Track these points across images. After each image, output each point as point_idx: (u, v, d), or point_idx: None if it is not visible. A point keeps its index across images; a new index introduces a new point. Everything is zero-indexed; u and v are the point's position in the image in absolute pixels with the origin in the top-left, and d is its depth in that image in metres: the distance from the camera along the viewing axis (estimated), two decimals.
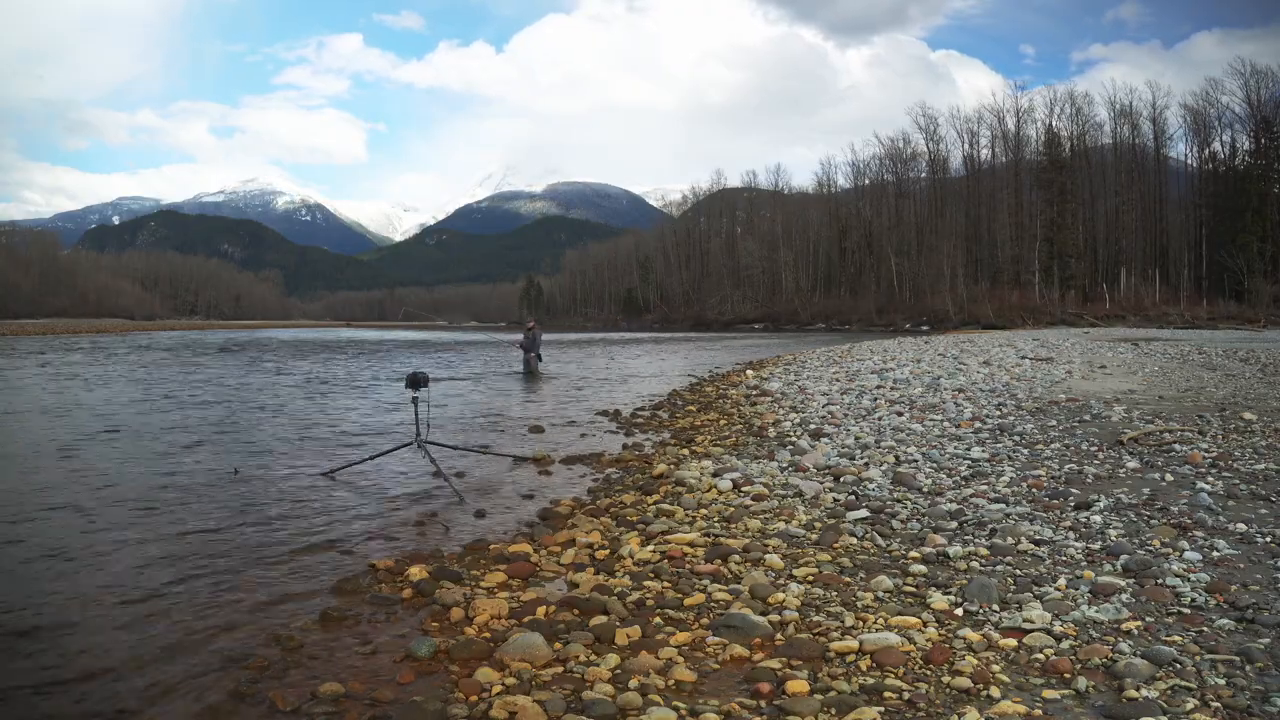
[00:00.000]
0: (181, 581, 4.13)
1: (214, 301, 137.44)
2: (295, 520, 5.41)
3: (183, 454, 7.93)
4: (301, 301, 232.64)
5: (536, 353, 18.88)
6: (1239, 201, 57.65)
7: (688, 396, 13.67)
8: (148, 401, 12.85)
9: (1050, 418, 8.44)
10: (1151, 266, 64.00)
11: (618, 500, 5.86)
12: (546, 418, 11.05)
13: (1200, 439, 6.98)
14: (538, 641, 3.17)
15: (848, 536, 4.57)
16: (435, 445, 7.13)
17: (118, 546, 4.72)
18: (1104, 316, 55.07)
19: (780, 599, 3.64)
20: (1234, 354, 18.30)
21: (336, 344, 40.41)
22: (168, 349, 32.74)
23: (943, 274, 67.94)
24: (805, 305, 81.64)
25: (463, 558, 4.58)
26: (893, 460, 6.62)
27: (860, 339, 40.15)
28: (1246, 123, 61.60)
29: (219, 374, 19.21)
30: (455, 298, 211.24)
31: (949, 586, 3.74)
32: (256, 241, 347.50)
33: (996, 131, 75.42)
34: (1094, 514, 4.75)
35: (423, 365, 18.82)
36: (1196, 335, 32.53)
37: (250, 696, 2.91)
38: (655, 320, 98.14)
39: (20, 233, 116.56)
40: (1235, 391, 10.68)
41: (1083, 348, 21.32)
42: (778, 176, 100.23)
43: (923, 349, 23.29)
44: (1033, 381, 12.25)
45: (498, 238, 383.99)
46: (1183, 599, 3.48)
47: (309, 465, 7.38)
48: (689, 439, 8.69)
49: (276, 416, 11.07)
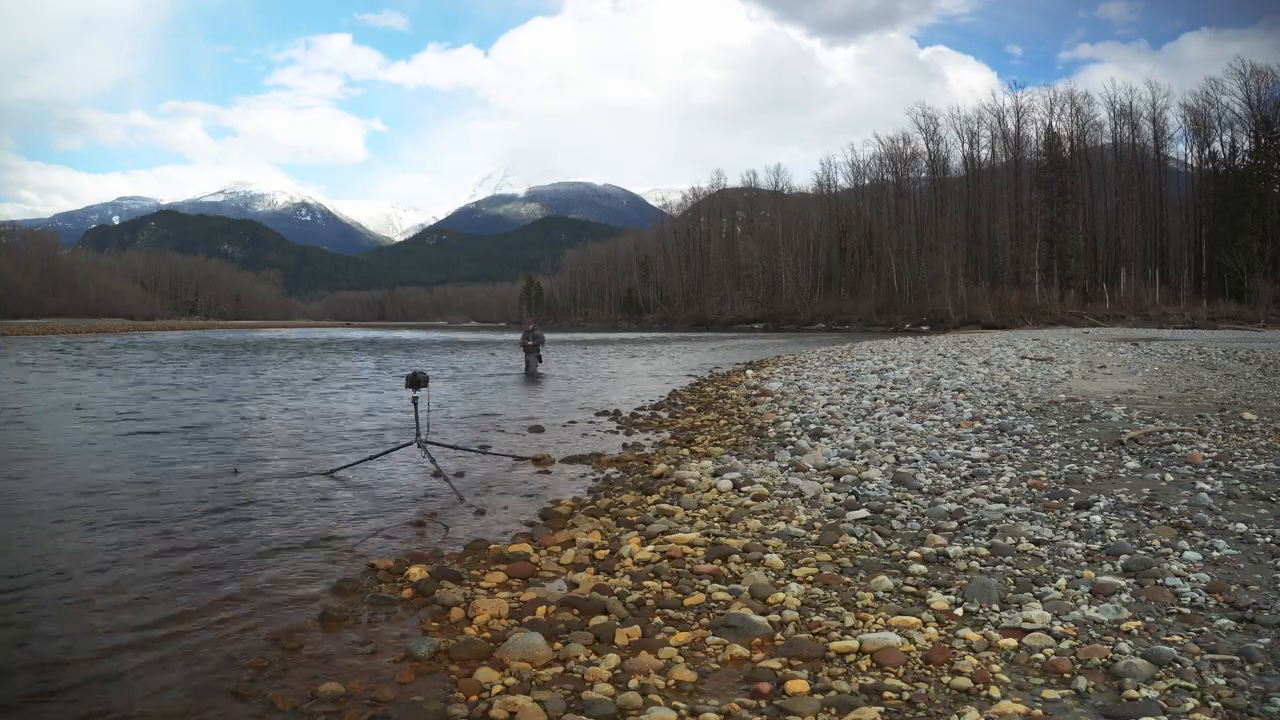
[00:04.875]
0: (181, 581, 4.13)
1: (214, 301, 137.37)
2: (295, 520, 5.41)
3: (182, 453, 7.93)
4: (301, 301, 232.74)
5: (538, 354, 18.89)
6: (1239, 201, 57.64)
7: (688, 396, 13.67)
8: (147, 401, 12.84)
9: (1050, 418, 8.43)
10: (1151, 266, 64.00)
11: (618, 500, 5.85)
12: (546, 418, 11.05)
13: (1200, 439, 6.97)
14: (538, 641, 3.17)
15: (848, 536, 4.56)
16: (435, 445, 7.12)
17: (116, 546, 4.72)
18: (1104, 316, 55.04)
19: (780, 599, 3.64)
20: (1234, 354, 18.29)
21: (337, 344, 40.41)
22: (167, 349, 32.74)
23: (943, 274, 67.91)
24: (805, 305, 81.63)
25: (463, 558, 4.57)
26: (893, 460, 6.62)
27: (860, 339, 40.14)
28: (1246, 123, 61.70)
29: (219, 374, 19.20)
30: (455, 298, 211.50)
31: (949, 586, 3.74)
32: (256, 241, 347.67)
33: (996, 131, 75.56)
34: (1094, 514, 4.74)
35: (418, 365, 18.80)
36: (1196, 335, 32.52)
37: (250, 696, 2.91)
38: (655, 320, 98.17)
39: (20, 233, 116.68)
40: (1235, 391, 10.68)
41: (1083, 348, 21.32)
42: (777, 176, 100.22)
43: (923, 349, 23.29)
44: (1033, 381, 12.25)
45: (498, 238, 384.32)
46: (1183, 599, 3.48)
47: (309, 465, 7.38)
48: (689, 439, 8.69)
49: (276, 416, 11.07)
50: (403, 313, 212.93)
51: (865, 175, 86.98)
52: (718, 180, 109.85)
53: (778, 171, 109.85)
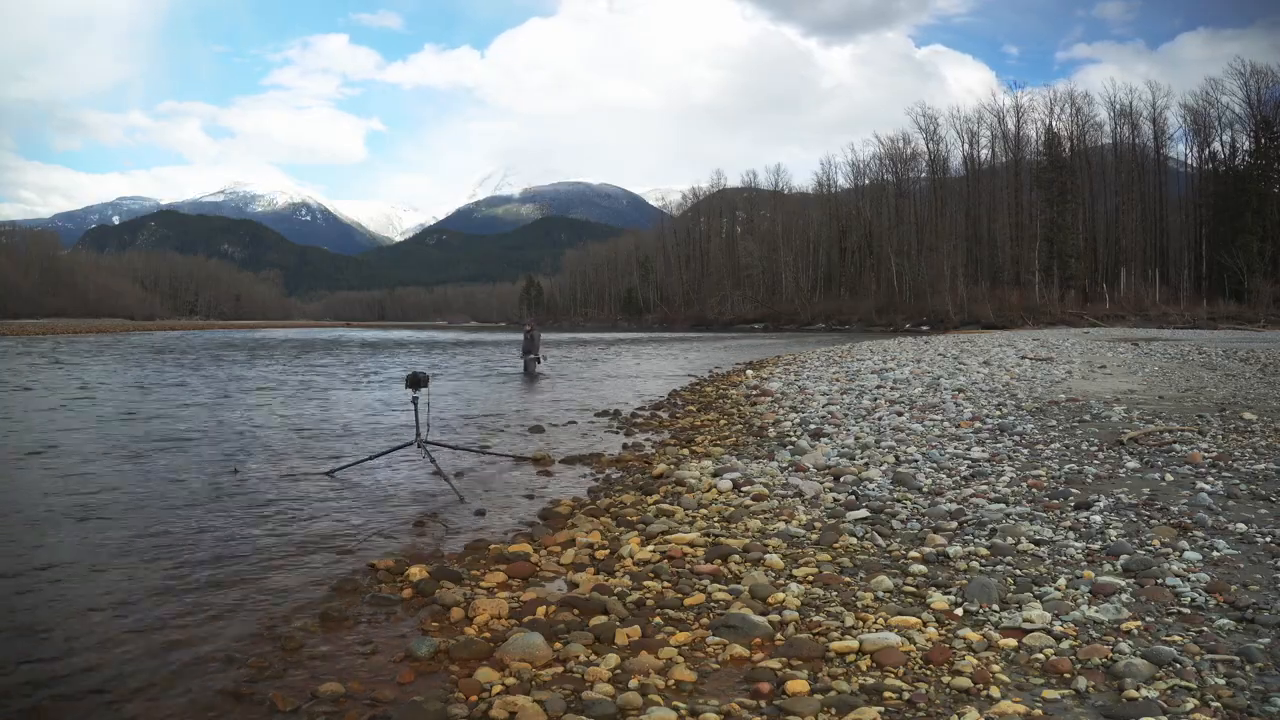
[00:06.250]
0: (181, 581, 4.13)
1: (214, 301, 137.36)
2: (295, 520, 5.41)
3: (182, 453, 7.93)
4: (301, 301, 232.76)
5: (536, 354, 18.89)
6: (1239, 201, 57.65)
7: (688, 396, 13.67)
8: (147, 401, 12.84)
9: (1050, 418, 8.43)
10: (1151, 266, 64.00)
11: (618, 500, 5.85)
12: (546, 418, 11.05)
13: (1200, 439, 6.97)
14: (538, 641, 3.17)
15: (848, 536, 4.56)
16: (435, 445, 7.12)
17: (116, 546, 4.72)
18: (1104, 316, 55.04)
19: (780, 599, 3.64)
20: (1234, 354, 18.29)
21: (337, 344, 40.40)
22: (167, 349, 32.74)
23: (943, 274, 67.92)
24: (805, 305, 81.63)
25: (463, 558, 4.57)
26: (893, 460, 6.62)
27: (860, 339, 40.15)
28: (1246, 123, 61.73)
29: (218, 373, 19.20)
30: (455, 298, 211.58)
31: (949, 586, 3.74)
32: (256, 241, 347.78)
33: (996, 131, 75.61)
34: (1094, 514, 4.74)
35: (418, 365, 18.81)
36: (1196, 335, 32.52)
37: (250, 696, 2.90)
38: (655, 320, 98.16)
39: (20, 233, 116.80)
40: (1235, 391, 10.68)
41: (1083, 348, 21.32)
42: (777, 176, 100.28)
43: (923, 349, 23.29)
44: (1033, 381, 12.25)
45: (498, 238, 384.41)
46: (1183, 599, 3.47)
47: (309, 465, 7.38)
48: (689, 439, 8.69)
49: (276, 416, 11.07)
50: (403, 313, 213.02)
51: (865, 175, 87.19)
52: (718, 180, 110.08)
53: (778, 171, 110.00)
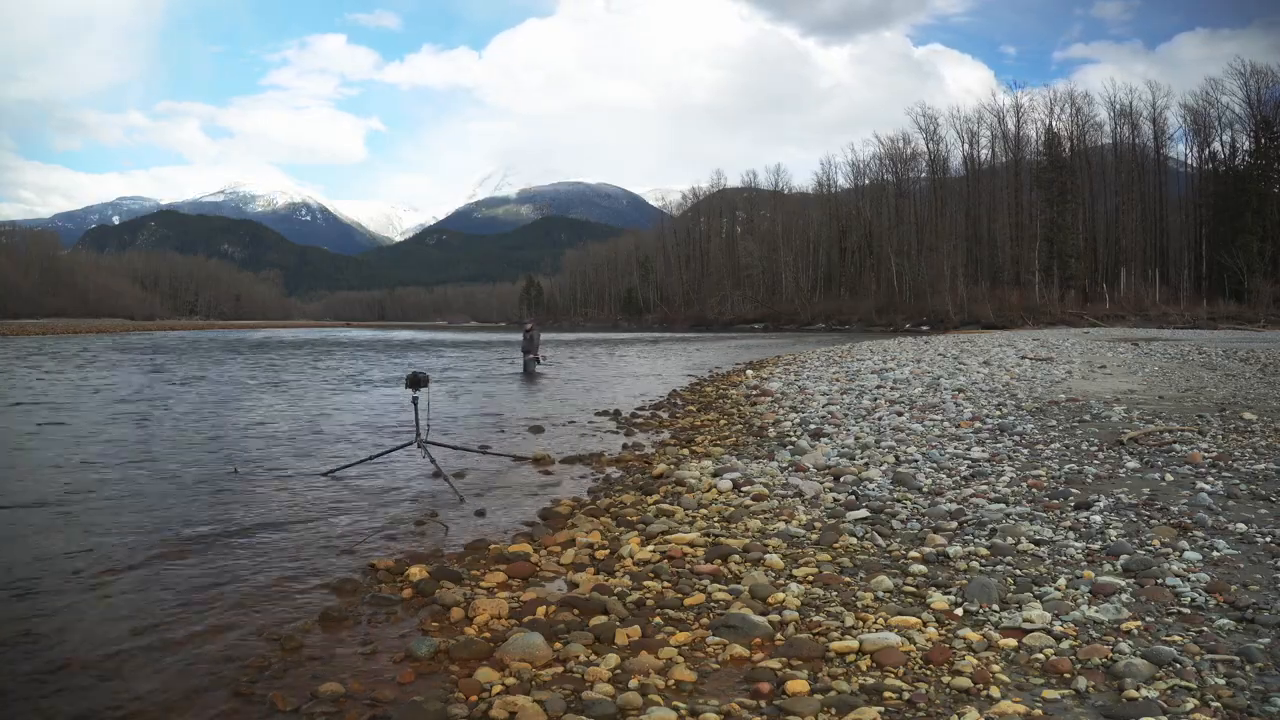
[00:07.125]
0: (180, 581, 4.13)
1: (214, 301, 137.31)
2: (295, 520, 5.40)
3: (182, 453, 7.93)
4: (301, 301, 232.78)
5: (536, 354, 18.89)
6: (1239, 201, 57.61)
7: (688, 396, 13.67)
8: (146, 401, 12.84)
9: (1050, 418, 8.43)
10: (1151, 266, 63.98)
11: (618, 500, 5.85)
12: (546, 418, 11.04)
13: (1200, 439, 6.97)
14: (538, 641, 3.17)
15: (848, 536, 4.56)
16: (435, 445, 7.12)
17: (115, 546, 4.72)
18: (1104, 316, 55.01)
19: (780, 599, 3.64)
20: (1234, 354, 18.29)
21: (337, 344, 40.41)
22: (168, 349, 32.74)
23: (943, 274, 67.89)
24: (805, 305, 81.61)
25: (463, 558, 4.57)
26: (893, 460, 6.62)
27: (860, 339, 40.14)
28: (1246, 123, 61.64)
29: (218, 374, 19.20)
30: (455, 298, 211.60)
31: (949, 586, 3.74)
32: (256, 241, 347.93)
33: (996, 131, 75.50)
34: (1094, 514, 4.74)
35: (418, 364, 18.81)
36: (1196, 335, 32.51)
37: (250, 696, 2.90)
38: (655, 320, 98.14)
39: (20, 232, 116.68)
40: (1235, 391, 10.68)
41: (1083, 348, 21.31)
42: (777, 176, 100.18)
43: (923, 349, 23.29)
44: (1033, 381, 12.25)
45: (498, 238, 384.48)
46: (1183, 599, 3.48)
47: (309, 465, 7.38)
48: (689, 439, 8.69)
49: (276, 416, 11.07)
50: (403, 313, 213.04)
51: (865, 175, 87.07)
52: (717, 180, 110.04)
53: (777, 171, 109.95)
